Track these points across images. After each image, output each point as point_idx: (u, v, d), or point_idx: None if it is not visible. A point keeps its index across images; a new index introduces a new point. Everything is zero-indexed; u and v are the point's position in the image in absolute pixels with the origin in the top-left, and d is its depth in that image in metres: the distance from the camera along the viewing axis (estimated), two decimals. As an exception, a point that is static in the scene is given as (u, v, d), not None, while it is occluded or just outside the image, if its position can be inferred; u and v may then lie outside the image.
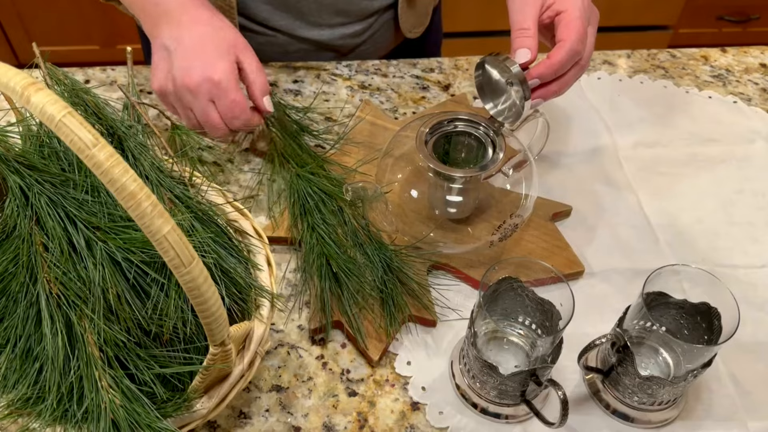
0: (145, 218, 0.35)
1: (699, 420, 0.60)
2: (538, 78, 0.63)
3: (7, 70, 0.35)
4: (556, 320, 0.56)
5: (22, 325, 0.48)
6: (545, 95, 0.64)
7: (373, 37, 0.95)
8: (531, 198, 0.66)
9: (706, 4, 1.99)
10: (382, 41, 0.98)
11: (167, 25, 0.68)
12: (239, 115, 0.68)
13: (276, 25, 0.89)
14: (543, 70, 0.62)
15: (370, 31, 0.94)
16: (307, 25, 0.89)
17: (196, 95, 0.67)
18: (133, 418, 0.45)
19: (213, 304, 0.41)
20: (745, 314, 0.53)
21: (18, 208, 0.47)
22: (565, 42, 0.62)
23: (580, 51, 0.63)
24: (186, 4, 0.69)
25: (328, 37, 0.91)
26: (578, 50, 0.63)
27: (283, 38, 0.90)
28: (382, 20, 0.94)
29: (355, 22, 0.91)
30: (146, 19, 0.71)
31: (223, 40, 0.68)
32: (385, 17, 0.95)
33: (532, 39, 0.63)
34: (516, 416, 0.59)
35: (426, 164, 0.63)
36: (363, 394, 0.61)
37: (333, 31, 0.91)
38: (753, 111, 0.89)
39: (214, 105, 0.67)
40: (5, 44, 1.99)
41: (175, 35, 0.67)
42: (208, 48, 0.67)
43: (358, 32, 0.93)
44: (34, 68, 0.55)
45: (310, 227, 0.67)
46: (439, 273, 0.69)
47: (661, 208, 0.76)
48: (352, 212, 0.68)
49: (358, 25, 0.92)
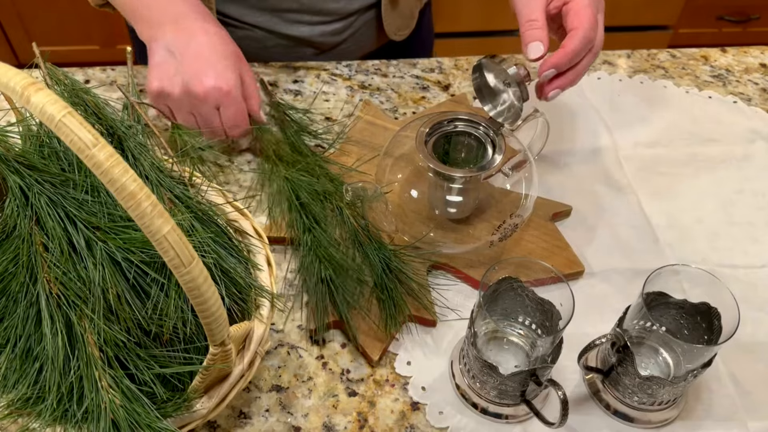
0: (145, 218, 0.35)
1: (699, 420, 0.60)
2: (554, 68, 0.62)
3: (7, 70, 0.35)
4: (556, 320, 0.56)
5: (22, 325, 0.48)
6: (562, 85, 0.64)
7: (355, 36, 0.95)
8: (531, 198, 0.66)
9: (706, 4, 1.99)
10: (364, 40, 0.97)
11: (173, 29, 0.69)
12: (241, 124, 0.72)
13: (253, 21, 0.89)
14: (558, 60, 0.62)
15: (350, 30, 0.93)
16: (285, 22, 0.89)
17: (204, 101, 0.69)
18: (133, 418, 0.45)
19: (213, 304, 0.41)
20: (745, 314, 0.53)
21: (18, 208, 0.47)
22: (578, 30, 0.62)
23: (592, 38, 0.63)
24: (195, 14, 0.71)
25: (308, 34, 0.91)
26: (591, 38, 0.63)
27: (261, 33, 0.90)
28: (363, 19, 0.94)
29: (335, 21, 0.91)
30: (142, 22, 0.71)
31: (232, 53, 0.71)
32: (367, 17, 0.94)
33: (541, 31, 0.63)
34: (516, 416, 0.59)
35: (426, 164, 0.63)
36: (363, 394, 0.61)
37: (312, 28, 0.91)
38: (753, 111, 0.89)
39: (218, 112, 0.70)
40: (5, 44, 1.99)
41: (182, 41, 0.69)
42: (219, 58, 0.69)
43: (338, 30, 0.92)
44: (34, 68, 0.55)
45: (306, 229, 0.67)
46: (439, 273, 0.69)
47: (661, 208, 0.76)
48: (351, 212, 0.68)
49: (338, 24, 0.91)
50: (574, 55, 0.62)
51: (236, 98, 0.70)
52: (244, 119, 0.72)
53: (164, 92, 0.69)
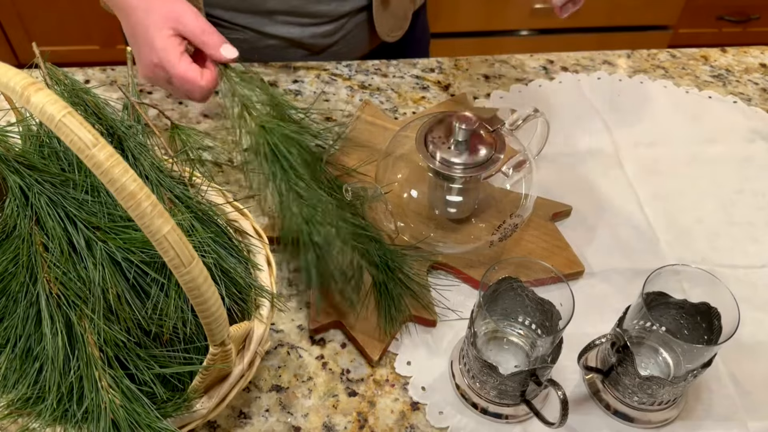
0: (145, 218, 0.35)
1: (699, 420, 0.60)
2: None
3: (7, 70, 0.35)
4: (556, 320, 0.56)
5: (22, 325, 0.48)
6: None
7: (346, 38, 0.94)
8: (531, 198, 0.66)
9: (706, 4, 1.99)
10: (356, 42, 0.96)
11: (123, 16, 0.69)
12: (192, 90, 0.66)
13: (244, 22, 0.88)
14: None
15: (342, 32, 0.93)
16: (275, 23, 0.89)
17: (156, 82, 0.68)
18: (133, 418, 0.45)
19: (213, 304, 0.41)
20: (745, 314, 0.53)
21: (18, 208, 0.47)
22: None
23: None
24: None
25: (299, 35, 0.90)
26: None
27: (251, 34, 0.90)
28: (355, 21, 0.93)
29: (326, 23, 0.91)
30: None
31: (152, 21, 0.66)
32: (358, 19, 0.93)
33: None
34: (516, 416, 0.59)
35: (426, 164, 0.63)
36: (363, 394, 0.61)
37: (303, 30, 0.90)
38: (753, 111, 0.89)
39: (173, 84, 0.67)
40: (5, 44, 1.99)
41: (125, 24, 0.69)
42: (140, 34, 0.66)
43: (329, 32, 0.92)
44: (34, 68, 0.55)
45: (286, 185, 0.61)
46: (439, 273, 0.69)
47: (661, 208, 0.76)
48: (351, 211, 0.68)
49: (329, 26, 0.91)
50: None
51: (170, 64, 0.64)
52: (192, 83, 0.65)
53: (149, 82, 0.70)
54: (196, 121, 0.84)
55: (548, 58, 0.96)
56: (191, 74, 0.65)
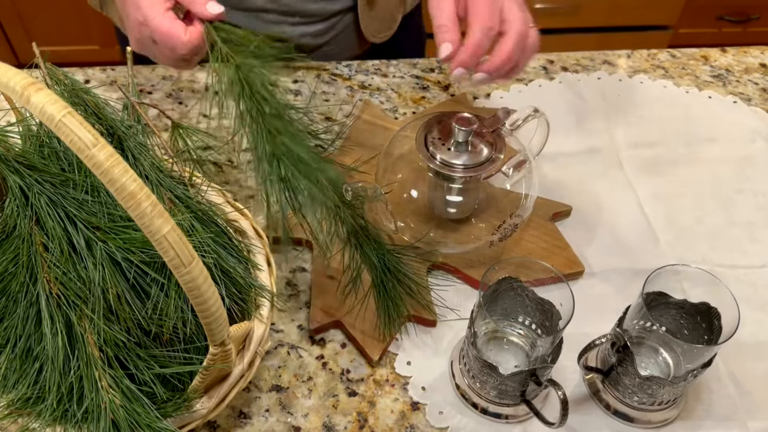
0: (145, 218, 0.35)
1: (699, 420, 0.60)
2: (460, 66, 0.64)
3: (7, 70, 0.35)
4: (556, 320, 0.56)
5: (22, 325, 0.48)
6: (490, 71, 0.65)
7: (337, 38, 0.94)
8: (531, 198, 0.66)
9: (706, 4, 1.99)
10: (347, 43, 0.96)
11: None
12: (175, 46, 0.64)
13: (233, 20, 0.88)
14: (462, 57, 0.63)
15: (333, 32, 0.93)
16: (265, 22, 0.88)
17: (143, 44, 0.66)
18: (133, 418, 0.45)
19: (213, 304, 0.41)
20: (745, 314, 0.53)
21: (18, 208, 0.47)
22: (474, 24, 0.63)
23: (492, 27, 0.64)
24: None
25: (289, 35, 0.90)
26: (490, 26, 0.63)
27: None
28: (345, 22, 0.93)
29: (316, 22, 0.90)
30: None
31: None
32: (348, 19, 0.93)
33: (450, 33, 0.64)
34: (516, 416, 0.59)
35: (426, 164, 0.63)
36: (363, 394, 0.61)
37: (294, 29, 0.90)
38: (753, 111, 0.89)
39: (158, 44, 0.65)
40: (5, 44, 1.99)
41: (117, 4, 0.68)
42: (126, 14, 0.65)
43: (320, 31, 0.92)
44: (34, 68, 0.55)
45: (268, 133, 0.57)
46: (438, 273, 0.69)
47: (661, 208, 0.76)
48: (351, 212, 0.68)
49: (319, 25, 0.91)
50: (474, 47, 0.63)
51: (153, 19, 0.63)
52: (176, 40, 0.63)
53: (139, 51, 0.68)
54: (196, 121, 0.84)
55: (548, 58, 0.96)
56: (175, 30, 0.63)
